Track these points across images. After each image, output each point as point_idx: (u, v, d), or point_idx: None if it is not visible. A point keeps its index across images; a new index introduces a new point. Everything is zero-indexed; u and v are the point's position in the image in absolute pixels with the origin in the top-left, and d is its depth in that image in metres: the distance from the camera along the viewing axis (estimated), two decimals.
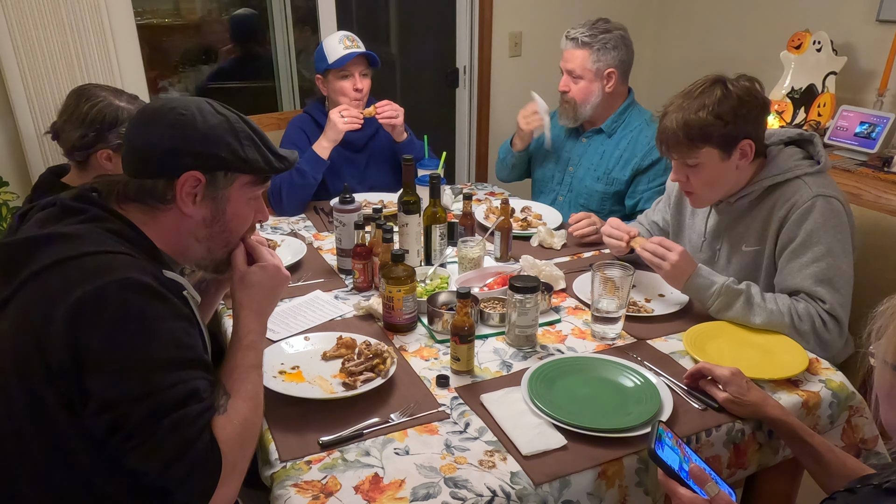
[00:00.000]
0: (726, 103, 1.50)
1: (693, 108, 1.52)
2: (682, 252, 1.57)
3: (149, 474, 0.95)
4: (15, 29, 2.27)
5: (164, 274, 1.06)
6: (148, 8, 3.05)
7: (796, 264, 1.54)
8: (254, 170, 1.12)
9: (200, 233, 1.13)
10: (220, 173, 1.09)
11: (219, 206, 1.12)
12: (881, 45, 2.69)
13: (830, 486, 1.15)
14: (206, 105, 1.10)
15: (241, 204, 1.15)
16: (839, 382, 1.39)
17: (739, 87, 1.52)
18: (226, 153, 1.08)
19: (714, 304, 1.55)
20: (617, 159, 2.32)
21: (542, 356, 1.47)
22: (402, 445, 1.19)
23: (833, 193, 1.55)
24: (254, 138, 1.12)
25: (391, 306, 1.53)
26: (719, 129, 1.51)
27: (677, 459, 1.03)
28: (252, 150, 1.11)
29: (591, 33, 2.24)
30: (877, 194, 2.23)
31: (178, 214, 1.10)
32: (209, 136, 1.07)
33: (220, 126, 1.08)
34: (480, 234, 1.99)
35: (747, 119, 1.52)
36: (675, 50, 3.67)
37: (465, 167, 3.69)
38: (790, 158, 1.60)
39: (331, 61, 2.32)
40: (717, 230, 1.74)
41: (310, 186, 2.30)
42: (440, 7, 3.42)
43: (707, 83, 1.54)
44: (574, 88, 2.30)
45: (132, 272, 0.97)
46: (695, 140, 1.53)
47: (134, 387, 0.94)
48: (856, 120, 2.62)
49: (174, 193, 1.07)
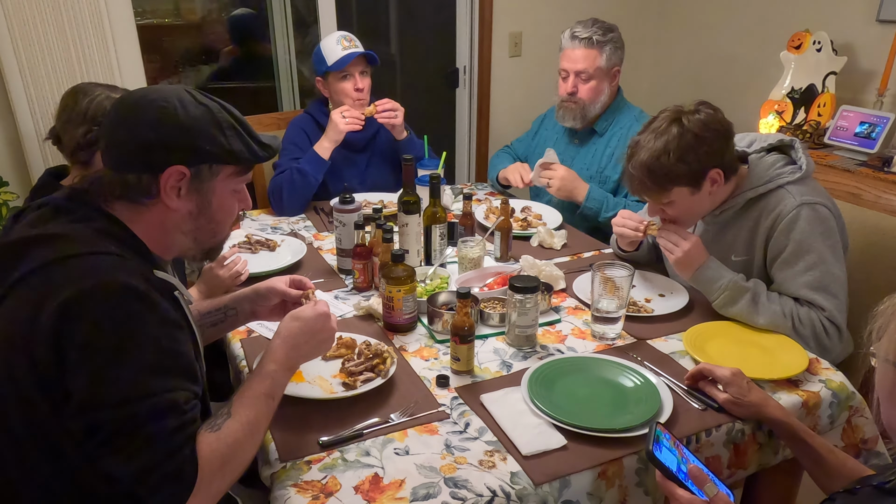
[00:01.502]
0: (684, 141, 1.48)
1: (655, 152, 1.50)
2: (697, 241, 1.56)
3: (121, 480, 0.94)
4: (15, 29, 2.28)
5: (156, 274, 1.04)
6: (148, 8, 3.05)
7: (790, 273, 1.54)
8: (238, 160, 1.10)
9: (186, 226, 1.11)
10: (204, 166, 1.07)
11: (204, 199, 1.10)
12: (881, 45, 2.69)
13: (830, 488, 1.15)
14: (187, 95, 1.07)
15: (226, 195, 1.13)
16: (839, 382, 1.39)
17: (695, 123, 1.49)
18: (210, 145, 1.06)
19: (719, 299, 1.55)
20: (609, 157, 2.33)
21: (542, 356, 1.47)
22: (402, 445, 1.19)
23: (817, 199, 1.54)
24: (237, 128, 1.10)
25: (391, 306, 1.53)
26: (682, 170, 1.50)
27: (675, 460, 1.03)
28: (236, 140, 1.09)
29: (602, 32, 2.24)
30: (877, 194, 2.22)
31: (163, 209, 1.07)
32: (193, 129, 1.04)
33: (203, 117, 1.06)
34: (480, 234, 1.99)
35: (710, 153, 1.50)
36: (675, 50, 3.67)
37: (465, 167, 3.69)
38: (771, 167, 1.58)
39: (330, 63, 2.31)
40: (704, 241, 1.72)
41: (311, 187, 2.30)
42: (440, 7, 3.42)
43: (665, 122, 1.52)
44: (583, 89, 2.29)
45: (119, 275, 0.96)
46: (661, 184, 1.52)
47: (113, 392, 0.92)
48: (856, 120, 2.62)
49: (158, 188, 1.05)
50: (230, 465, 1.02)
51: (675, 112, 1.53)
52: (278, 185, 2.28)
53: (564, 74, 2.33)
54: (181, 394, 0.98)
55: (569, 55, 2.29)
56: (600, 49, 2.24)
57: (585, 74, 2.27)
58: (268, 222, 2.26)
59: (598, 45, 2.24)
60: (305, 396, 1.28)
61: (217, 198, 1.11)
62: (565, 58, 2.31)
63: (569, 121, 2.37)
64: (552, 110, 2.53)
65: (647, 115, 2.35)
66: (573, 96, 2.31)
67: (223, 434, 1.01)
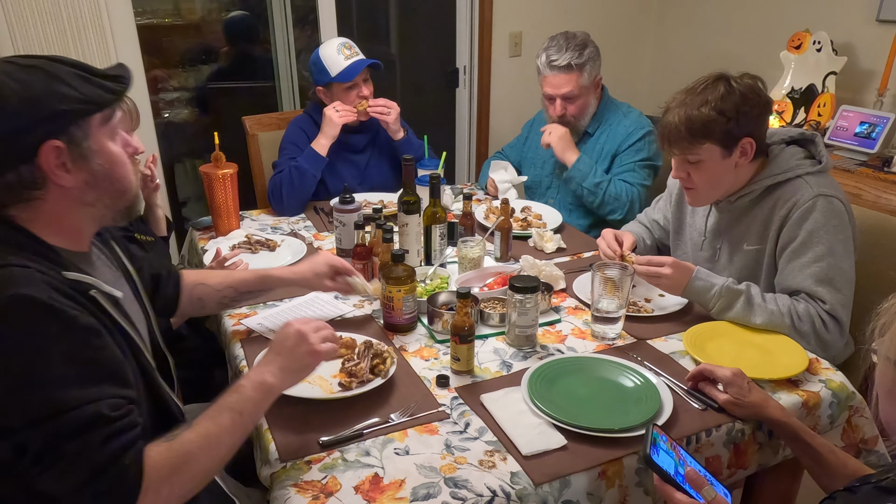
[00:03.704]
0: (729, 100, 1.50)
1: (696, 103, 1.52)
2: (673, 262, 1.56)
3: (60, 499, 0.90)
4: (15, 29, 2.28)
5: (66, 276, 0.98)
6: (148, 8, 3.05)
7: (797, 264, 1.54)
8: (99, 105, 1.02)
9: (89, 197, 1.04)
10: (72, 128, 0.99)
11: (92, 162, 1.02)
12: (881, 45, 2.69)
13: (831, 487, 1.15)
14: (9, 65, 0.98)
15: (108, 145, 1.05)
16: (839, 382, 1.39)
17: (743, 85, 1.52)
18: (65, 104, 0.97)
19: (716, 306, 1.55)
20: (599, 153, 2.35)
21: (542, 356, 1.47)
22: (402, 445, 1.19)
23: (834, 193, 1.55)
24: (78, 73, 1.00)
25: (391, 306, 1.53)
26: (721, 125, 1.51)
27: (672, 463, 1.02)
28: (85, 85, 1.00)
29: (578, 53, 2.24)
30: (877, 194, 2.22)
31: (60, 192, 1.00)
32: (38, 97, 0.96)
33: (39, 80, 0.97)
34: (480, 234, 1.99)
35: (749, 117, 1.52)
36: (675, 50, 3.67)
37: (465, 167, 3.69)
38: (791, 158, 1.60)
39: (333, 74, 2.29)
40: (717, 229, 1.74)
41: (310, 184, 2.29)
42: (440, 7, 3.42)
43: (710, 80, 1.54)
44: (572, 108, 2.31)
45: (19, 288, 0.90)
46: (696, 135, 1.53)
47: (30, 411, 0.88)
48: (856, 120, 2.62)
49: (43, 173, 0.98)
50: (180, 477, 0.97)
51: (721, 74, 1.55)
52: (277, 185, 2.28)
53: (549, 98, 2.33)
54: (107, 402, 0.93)
55: (550, 81, 2.29)
56: (580, 70, 2.25)
57: (570, 96, 2.28)
58: (268, 222, 2.26)
59: (577, 68, 2.24)
60: (305, 396, 1.28)
61: (102, 154, 1.04)
62: (547, 84, 2.30)
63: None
64: (541, 114, 2.54)
65: (635, 110, 2.40)
66: (563, 118, 2.33)
67: (175, 444, 0.98)
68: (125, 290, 1.17)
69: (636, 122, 2.33)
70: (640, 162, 2.29)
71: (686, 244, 1.86)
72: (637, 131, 2.30)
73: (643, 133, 2.29)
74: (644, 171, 2.30)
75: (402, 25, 3.56)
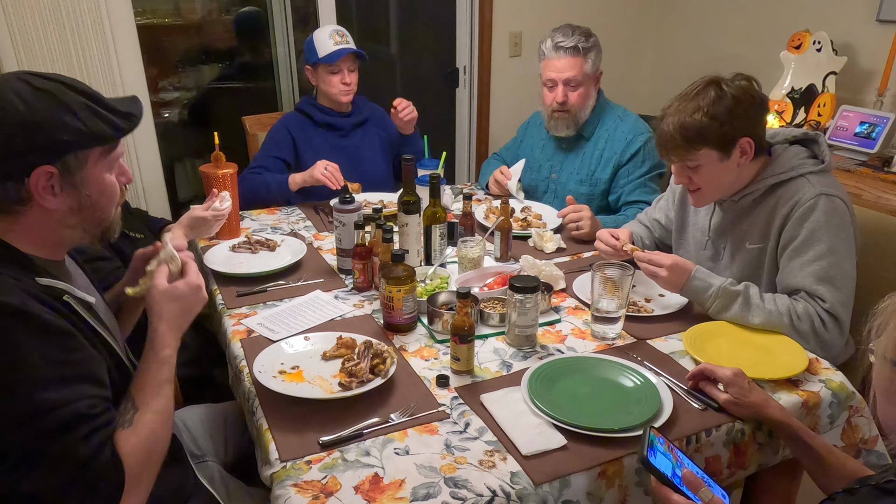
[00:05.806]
0: (721, 104, 1.51)
1: (688, 110, 1.52)
2: (674, 260, 1.57)
3: (47, 498, 0.91)
4: (15, 29, 2.28)
5: (39, 282, 0.99)
6: (148, 8, 3.05)
7: (798, 262, 1.54)
8: (102, 140, 1.02)
9: (71, 220, 1.05)
10: (69, 157, 0.99)
11: (81, 190, 1.03)
12: (881, 45, 2.69)
13: (830, 488, 1.15)
14: (22, 84, 0.98)
15: (103, 177, 1.06)
16: (839, 382, 1.39)
17: (734, 87, 1.53)
18: (66, 134, 0.97)
19: (713, 306, 1.55)
20: (598, 159, 2.33)
21: (542, 356, 1.47)
22: (402, 445, 1.19)
23: (836, 192, 1.55)
24: (88, 105, 1.01)
25: (391, 306, 1.53)
26: (715, 129, 1.51)
27: (670, 465, 1.02)
28: (92, 119, 1.00)
29: (584, 38, 2.24)
30: (877, 194, 2.23)
31: (41, 211, 1.01)
32: (41, 123, 0.96)
33: (48, 106, 0.97)
34: (480, 234, 1.99)
35: (743, 118, 1.52)
36: (675, 50, 3.67)
37: (465, 167, 3.70)
38: (794, 157, 1.60)
39: (321, 55, 2.40)
40: (720, 228, 1.74)
41: (267, 201, 2.38)
42: (440, 7, 3.42)
43: (702, 85, 1.55)
44: (573, 96, 2.28)
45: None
46: (692, 142, 1.53)
47: (9, 414, 0.90)
48: (856, 120, 2.63)
49: (29, 192, 0.98)
50: (153, 457, 1.03)
51: (712, 78, 1.55)
52: (244, 178, 2.32)
53: (551, 84, 2.29)
54: (85, 402, 0.95)
55: (554, 65, 2.26)
56: (585, 55, 2.24)
57: (574, 82, 2.26)
58: (268, 222, 2.26)
59: (584, 52, 2.23)
60: (305, 396, 1.28)
61: (94, 185, 1.04)
62: (550, 68, 2.28)
63: (562, 130, 2.35)
64: (535, 116, 2.53)
65: (631, 114, 2.37)
66: (564, 105, 2.29)
67: (138, 428, 1.01)
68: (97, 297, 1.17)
69: (634, 127, 2.31)
70: (647, 175, 2.27)
71: (689, 243, 1.87)
72: (637, 139, 2.27)
73: (644, 141, 2.27)
74: (653, 182, 2.29)
75: (402, 25, 3.56)
